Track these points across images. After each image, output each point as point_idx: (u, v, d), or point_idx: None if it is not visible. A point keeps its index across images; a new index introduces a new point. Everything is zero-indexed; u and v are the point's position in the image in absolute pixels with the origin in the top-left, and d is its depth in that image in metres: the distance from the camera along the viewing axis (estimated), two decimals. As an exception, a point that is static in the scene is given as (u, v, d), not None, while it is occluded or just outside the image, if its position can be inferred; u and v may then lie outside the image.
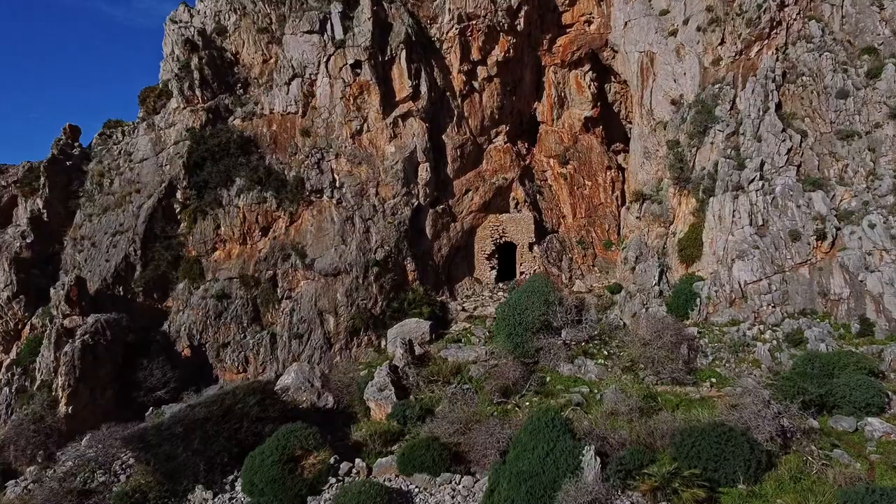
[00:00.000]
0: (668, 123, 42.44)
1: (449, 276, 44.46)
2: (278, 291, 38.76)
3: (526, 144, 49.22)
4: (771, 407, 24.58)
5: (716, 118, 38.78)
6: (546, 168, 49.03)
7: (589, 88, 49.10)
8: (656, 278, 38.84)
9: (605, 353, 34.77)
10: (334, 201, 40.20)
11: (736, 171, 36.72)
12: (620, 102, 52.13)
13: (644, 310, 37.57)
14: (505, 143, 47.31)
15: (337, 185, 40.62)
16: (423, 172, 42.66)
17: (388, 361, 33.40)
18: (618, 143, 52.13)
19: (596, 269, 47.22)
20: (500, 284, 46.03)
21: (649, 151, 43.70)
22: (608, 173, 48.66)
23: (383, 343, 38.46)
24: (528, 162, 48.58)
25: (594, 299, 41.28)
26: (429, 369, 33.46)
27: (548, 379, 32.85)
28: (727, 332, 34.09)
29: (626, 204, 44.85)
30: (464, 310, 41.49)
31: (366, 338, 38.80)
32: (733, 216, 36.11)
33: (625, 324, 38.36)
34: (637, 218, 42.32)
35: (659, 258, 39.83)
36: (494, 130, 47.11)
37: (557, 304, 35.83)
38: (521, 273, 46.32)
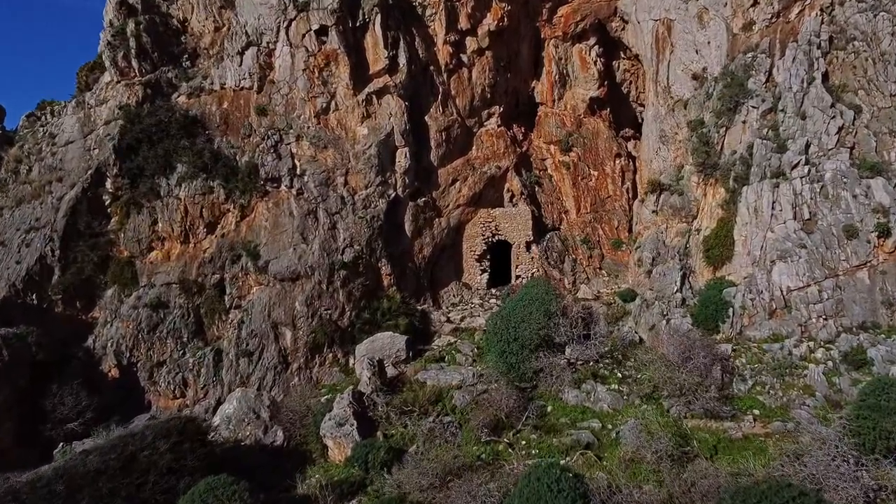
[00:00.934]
0: (688, 102, 36.49)
1: (432, 281, 38.40)
2: (226, 300, 32.66)
3: (522, 128, 43.24)
4: (849, 459, 18.58)
5: (748, 92, 32.83)
6: (546, 156, 43.05)
7: (595, 65, 43.16)
8: (678, 283, 32.84)
9: (620, 375, 28.77)
10: (294, 192, 34.11)
11: (775, 154, 30.77)
12: (630, 82, 46.20)
13: (664, 322, 31.55)
14: (498, 126, 41.34)
15: (297, 172, 34.52)
16: (402, 159, 36.61)
17: (351, 387, 27.33)
18: (627, 129, 46.18)
19: (604, 272, 41.22)
20: (493, 290, 39.98)
21: (666, 135, 37.77)
22: (617, 162, 42.69)
23: (351, 361, 32.38)
24: (524, 149, 42.60)
25: (603, 308, 35.26)
26: (402, 396, 27.45)
27: (549, 409, 26.90)
28: (768, 350, 28.12)
29: (640, 196, 38.90)
30: (449, 321, 35.42)
31: (330, 355, 32.71)
32: (773, 208, 30.15)
33: (641, 339, 32.33)
34: (653, 212, 36.33)
35: (680, 259, 33.85)
36: (486, 112, 41.11)
37: (560, 316, 29.88)
38: (518, 277, 40.31)
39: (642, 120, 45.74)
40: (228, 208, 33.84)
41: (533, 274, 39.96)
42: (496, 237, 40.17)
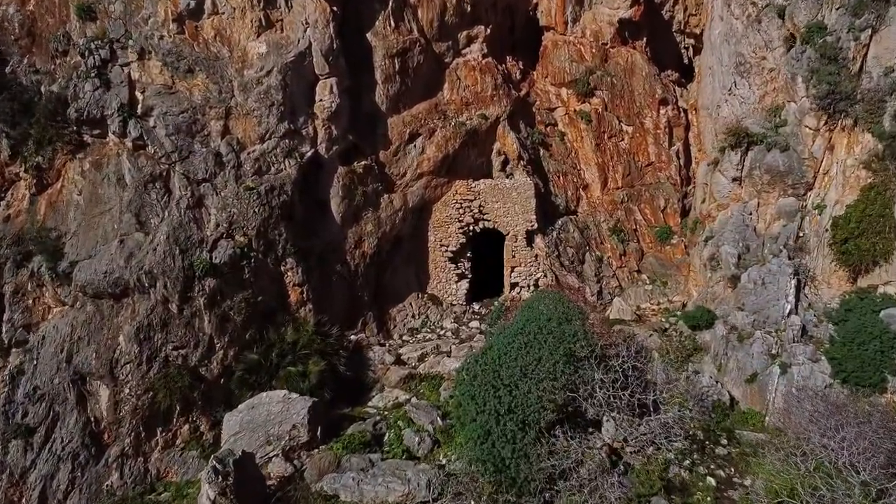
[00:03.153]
0: (787, 5, 22.95)
1: (377, 293, 24.75)
2: (3, 332, 18.89)
3: (520, 63, 29.64)
4: None
5: (914, -33, 19.34)
6: (555, 103, 29.51)
7: (626, -28, 29.53)
8: (791, 299, 19.30)
9: (713, 482, 15.28)
10: (129, 144, 20.40)
11: (982, 65, 17.30)
12: (674, 2, 32.57)
13: (776, 370, 18.04)
14: (483, 56, 27.73)
15: (138, 111, 20.78)
16: (326, 96, 23.01)
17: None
18: (669, 71, 32.50)
19: (645, 277, 27.72)
20: (475, 307, 26.41)
21: (747, 61, 24.46)
22: (662, 112, 29.16)
23: (224, 436, 18.54)
24: (524, 92, 29.01)
25: (654, 338, 21.77)
26: (285, 535, 13.89)
27: (580, 564, 13.44)
28: None
29: (708, 157, 25.42)
30: (399, 361, 21.79)
31: (185, 428, 19.10)
32: (983, 164, 16.70)
33: (733, 398, 18.84)
34: (734, 180, 22.90)
35: (790, 257, 20.36)
36: (465, 34, 27.48)
37: (592, 359, 16.45)
38: (514, 286, 26.77)
39: (691, 59, 32.59)
40: (17, 172, 20.11)
41: (538, 280, 26.44)
42: (481, 224, 26.57)
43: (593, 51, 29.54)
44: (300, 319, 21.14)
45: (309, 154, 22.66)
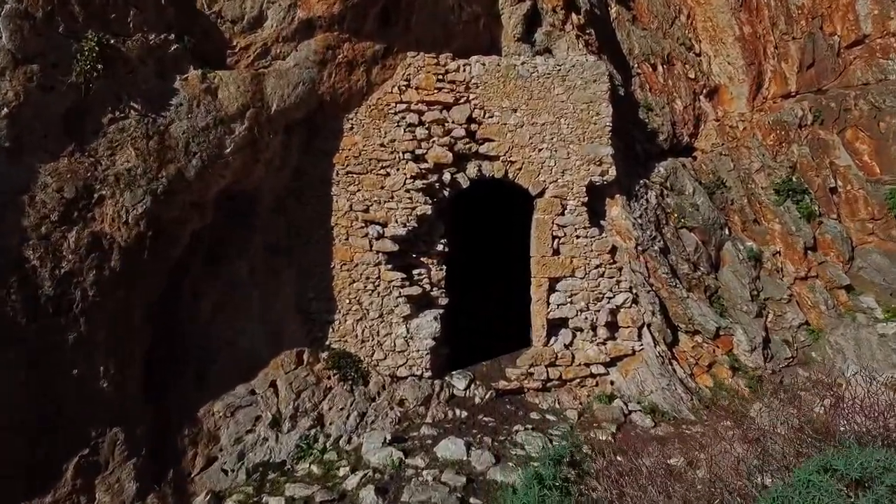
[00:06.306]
0: None
1: (161, 361, 8.48)
2: None
3: None
4: None
5: None
6: None
7: None
8: None
9: None
10: None
11: None
12: None
13: None
14: None
15: None
16: None
17: None
18: None
19: (868, 302, 11.66)
20: (459, 385, 10.26)
21: None
22: (887, -78, 13.08)
23: None
24: None
25: None
26: None
27: None
28: None
29: None
30: None
31: None
32: None
33: None
34: None
35: None
36: None
37: None
38: (558, 327, 10.61)
39: None
40: None
41: (616, 311, 10.41)
42: (473, 167, 10.50)
43: None
44: None
45: None
